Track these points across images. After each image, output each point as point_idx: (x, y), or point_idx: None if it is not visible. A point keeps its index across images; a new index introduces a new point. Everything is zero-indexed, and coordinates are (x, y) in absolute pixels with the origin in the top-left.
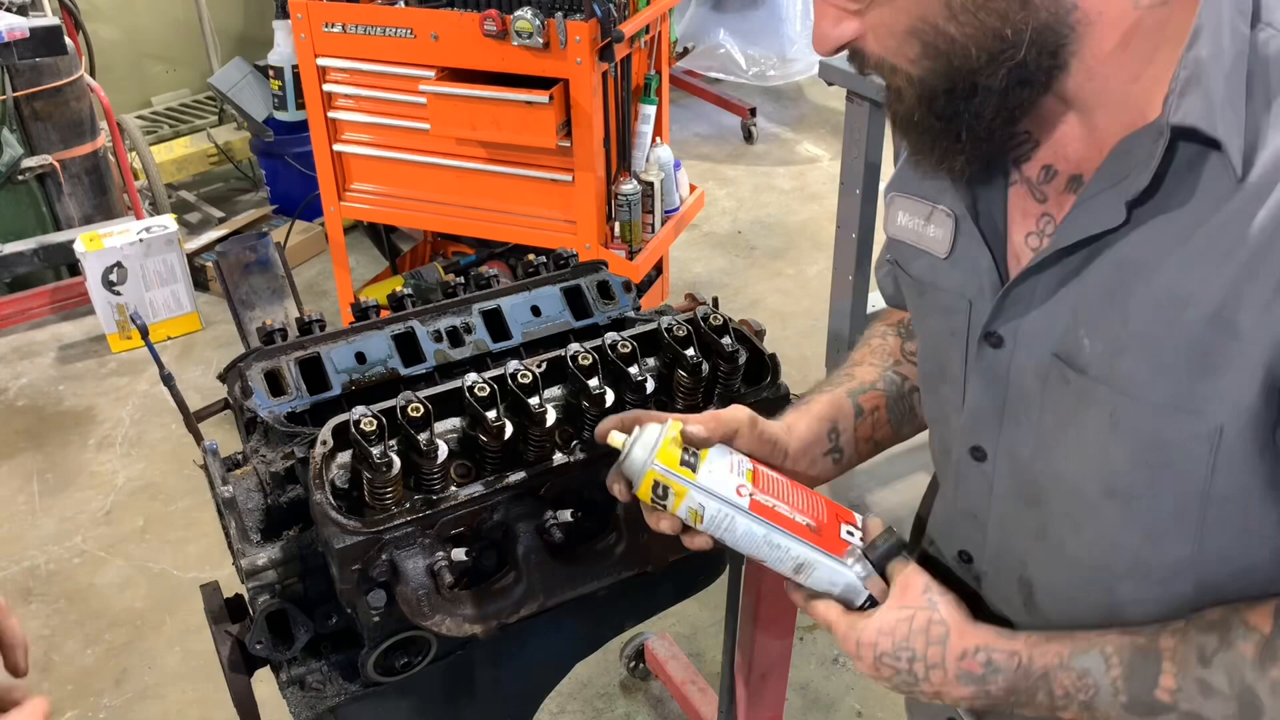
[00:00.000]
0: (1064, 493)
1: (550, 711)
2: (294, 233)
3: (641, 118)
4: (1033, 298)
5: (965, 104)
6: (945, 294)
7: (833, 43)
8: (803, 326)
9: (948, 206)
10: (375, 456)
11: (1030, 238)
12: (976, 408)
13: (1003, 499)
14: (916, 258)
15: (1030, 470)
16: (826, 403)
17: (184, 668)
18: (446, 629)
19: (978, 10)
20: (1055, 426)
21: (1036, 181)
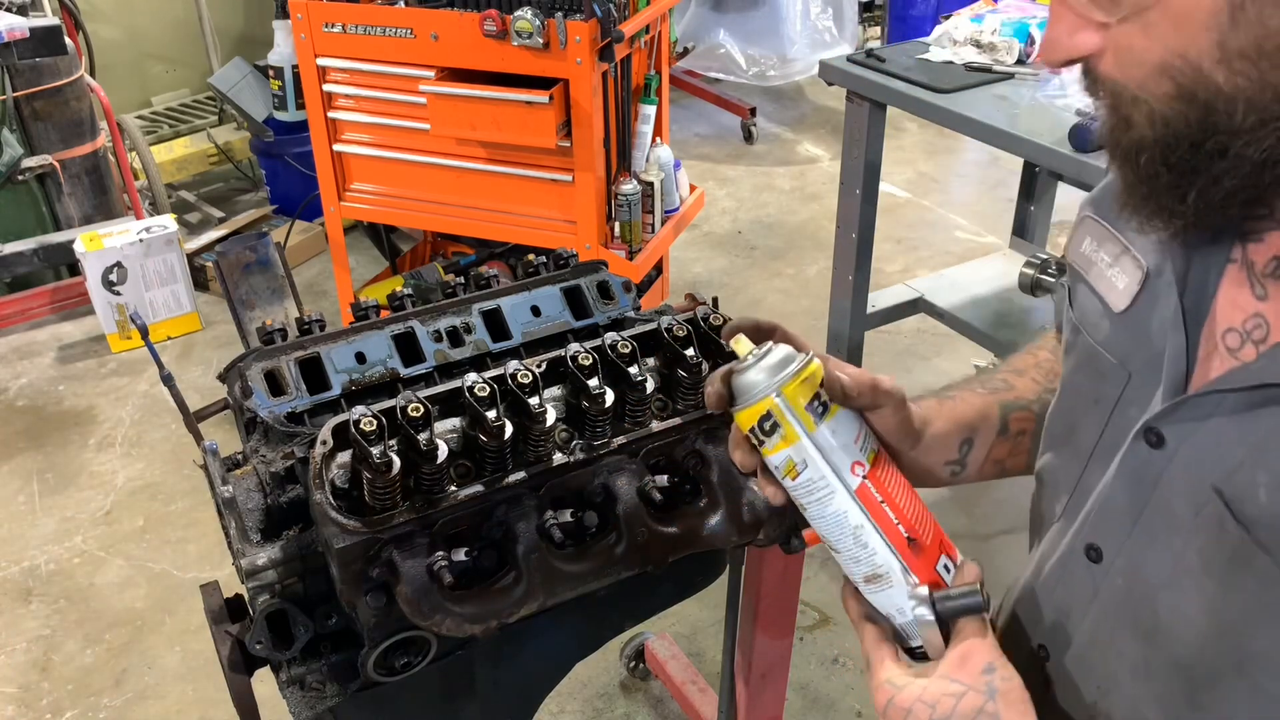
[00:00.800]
0: (1187, 644)
1: (550, 711)
2: (294, 233)
3: (641, 118)
4: (1216, 410)
5: (1209, 163)
6: (1103, 354)
7: (1065, 54)
8: (803, 326)
9: (1142, 256)
10: (375, 456)
11: (1231, 334)
12: (1108, 502)
13: (1107, 614)
14: (1086, 296)
15: (1153, 600)
16: (975, 408)
17: (184, 668)
18: (446, 629)
19: (1260, 58)
20: (1199, 570)
21: (1261, 271)
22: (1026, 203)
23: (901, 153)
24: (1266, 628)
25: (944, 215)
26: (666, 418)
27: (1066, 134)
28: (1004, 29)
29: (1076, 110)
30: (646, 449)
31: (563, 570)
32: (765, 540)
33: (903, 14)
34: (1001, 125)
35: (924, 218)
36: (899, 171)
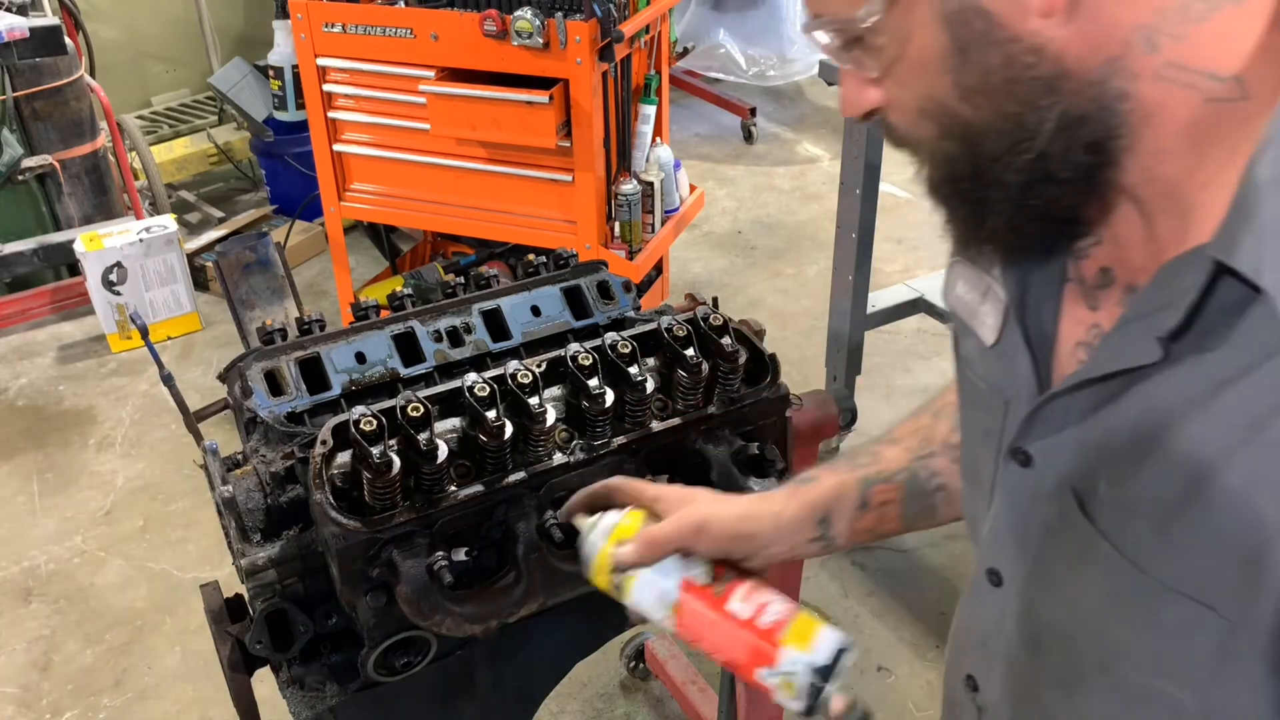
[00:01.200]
0: (1060, 651)
1: (550, 711)
2: (294, 233)
3: (641, 118)
4: (1066, 419)
5: (990, 192)
6: (985, 387)
7: (857, 109)
8: (803, 326)
9: (1003, 290)
10: (375, 456)
11: (1080, 348)
12: (998, 526)
13: (1011, 636)
14: (967, 336)
15: (1036, 615)
16: (830, 489)
17: (184, 668)
18: (446, 629)
19: (994, 95)
20: (1060, 572)
21: (1091, 284)
22: None
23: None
24: (1117, 617)
25: None
26: (666, 418)
27: None
28: None
29: None
30: (646, 449)
31: (563, 570)
32: None
33: None
34: None
35: (924, 218)
36: (899, 171)
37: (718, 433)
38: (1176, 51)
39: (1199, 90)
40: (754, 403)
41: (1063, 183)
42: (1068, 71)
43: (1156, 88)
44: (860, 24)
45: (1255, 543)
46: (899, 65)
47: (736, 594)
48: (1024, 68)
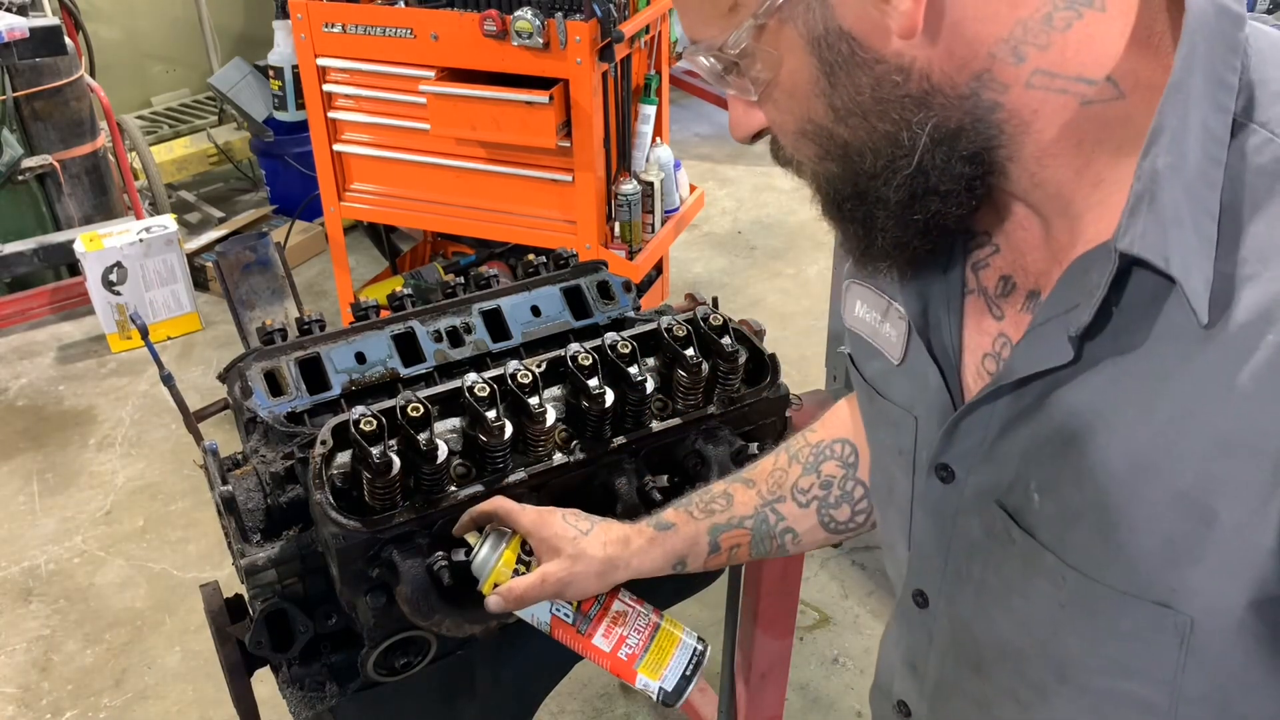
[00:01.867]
0: (1009, 668)
1: (550, 711)
2: (294, 233)
3: (641, 118)
4: (986, 430)
5: (874, 209)
6: (894, 406)
7: (745, 131)
8: (803, 326)
9: (904, 307)
10: (375, 456)
11: (987, 359)
12: (921, 546)
13: (943, 656)
14: (871, 358)
15: (971, 632)
16: (685, 538)
17: (184, 668)
18: (446, 629)
19: (866, 114)
20: (1001, 589)
21: (994, 294)
22: None
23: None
24: (1071, 625)
25: None
26: (666, 418)
27: None
28: None
29: None
30: (646, 449)
31: None
32: None
33: None
34: None
35: None
36: None
37: (718, 433)
38: (1044, 60)
39: (1073, 94)
40: (754, 403)
41: (945, 195)
42: (936, 88)
43: (1029, 96)
44: (730, 50)
45: (1208, 540)
46: (774, 89)
47: (599, 631)
48: (892, 86)
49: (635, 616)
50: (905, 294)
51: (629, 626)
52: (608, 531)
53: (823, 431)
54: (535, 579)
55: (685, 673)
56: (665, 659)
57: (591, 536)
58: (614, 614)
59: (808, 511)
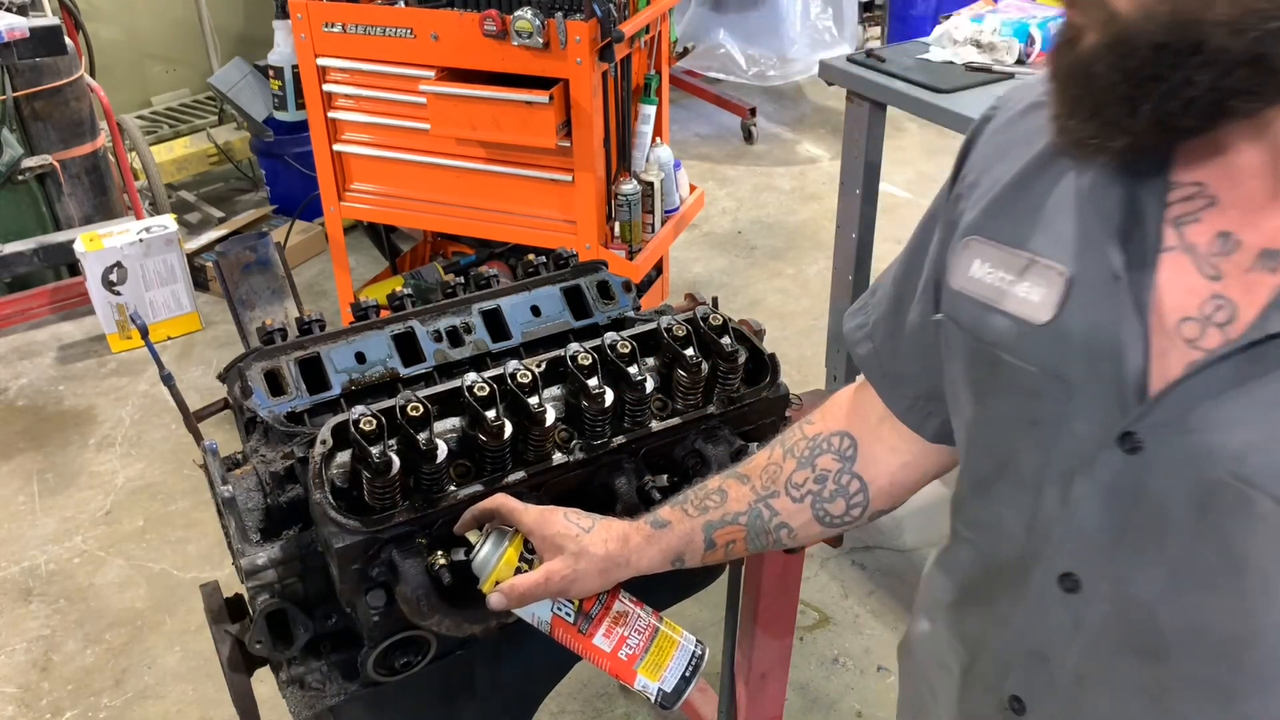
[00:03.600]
0: (1207, 655)
1: (550, 711)
2: (294, 233)
3: (641, 118)
4: (1199, 400)
5: (1172, 67)
6: (1029, 370)
7: None
8: (803, 326)
9: (1059, 263)
10: (375, 456)
11: (1187, 324)
12: (1081, 526)
13: (1093, 644)
14: (990, 320)
15: (1153, 617)
16: (681, 535)
17: (184, 668)
18: (446, 629)
19: None
20: (1219, 568)
21: (1206, 252)
22: None
23: (901, 153)
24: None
25: None
26: (666, 417)
27: None
28: (1004, 29)
29: None
30: (646, 449)
31: None
32: None
33: (903, 14)
34: None
35: None
36: (899, 171)
37: (718, 432)
38: None
39: None
40: (754, 402)
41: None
42: None
43: None
44: None
45: None
46: None
47: (600, 631)
48: None
49: (635, 618)
50: (1103, 245)
51: (629, 627)
52: (608, 529)
53: (820, 424)
54: (539, 576)
55: (684, 674)
56: (665, 660)
57: (594, 534)
58: (615, 614)
59: (802, 506)
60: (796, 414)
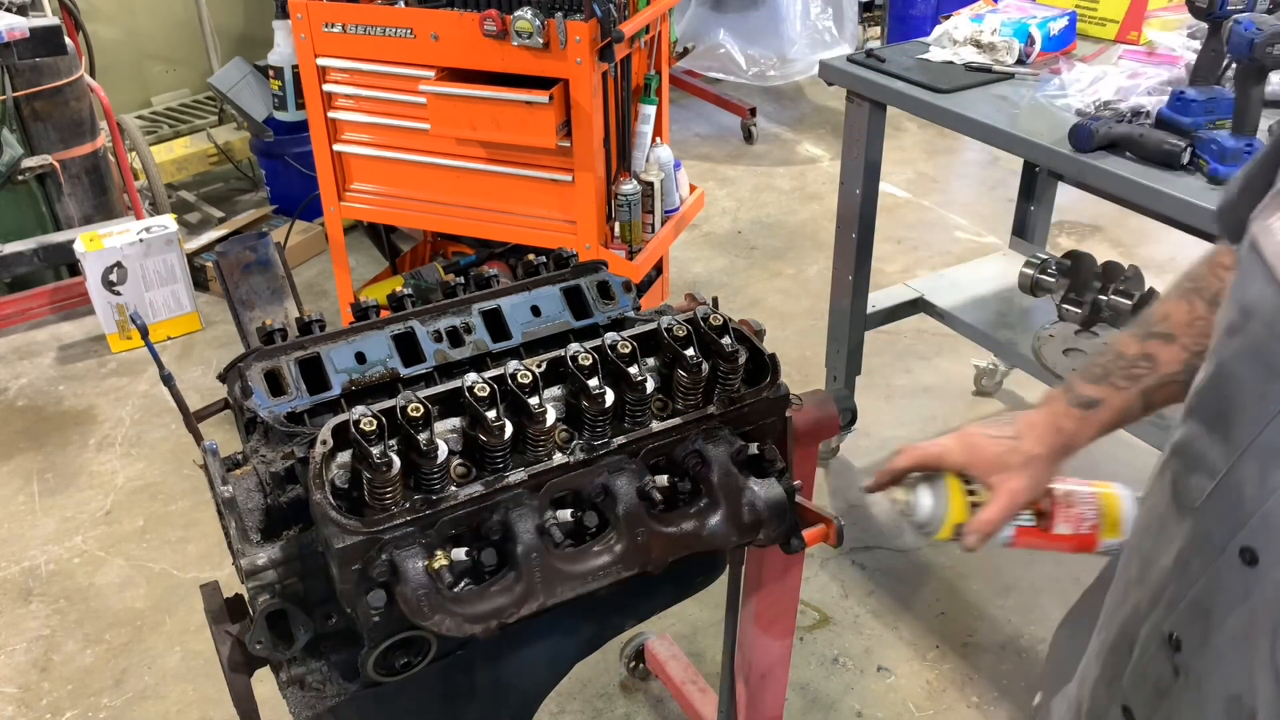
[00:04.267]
0: None
1: (550, 711)
2: (294, 233)
3: (641, 118)
4: None
5: None
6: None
7: None
8: (803, 326)
9: None
10: (375, 456)
11: None
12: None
13: (1256, 618)
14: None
15: None
16: (1115, 411)
17: (184, 668)
18: (446, 629)
19: None
20: None
21: None
22: (1026, 203)
23: (901, 153)
24: None
25: (944, 215)
26: (666, 418)
27: (1066, 134)
28: (1004, 29)
29: (1076, 110)
30: (646, 449)
31: (563, 570)
32: (765, 540)
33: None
34: (1001, 125)
35: (924, 218)
36: (899, 171)
37: (718, 433)
38: None
39: None
40: (754, 403)
41: None
42: None
43: None
44: None
45: None
46: None
47: (1059, 520)
48: None
49: (1078, 494)
50: None
51: (1079, 504)
52: (1036, 426)
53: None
54: (1004, 501)
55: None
56: (1116, 515)
57: (1025, 440)
58: (1062, 498)
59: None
60: (797, 414)
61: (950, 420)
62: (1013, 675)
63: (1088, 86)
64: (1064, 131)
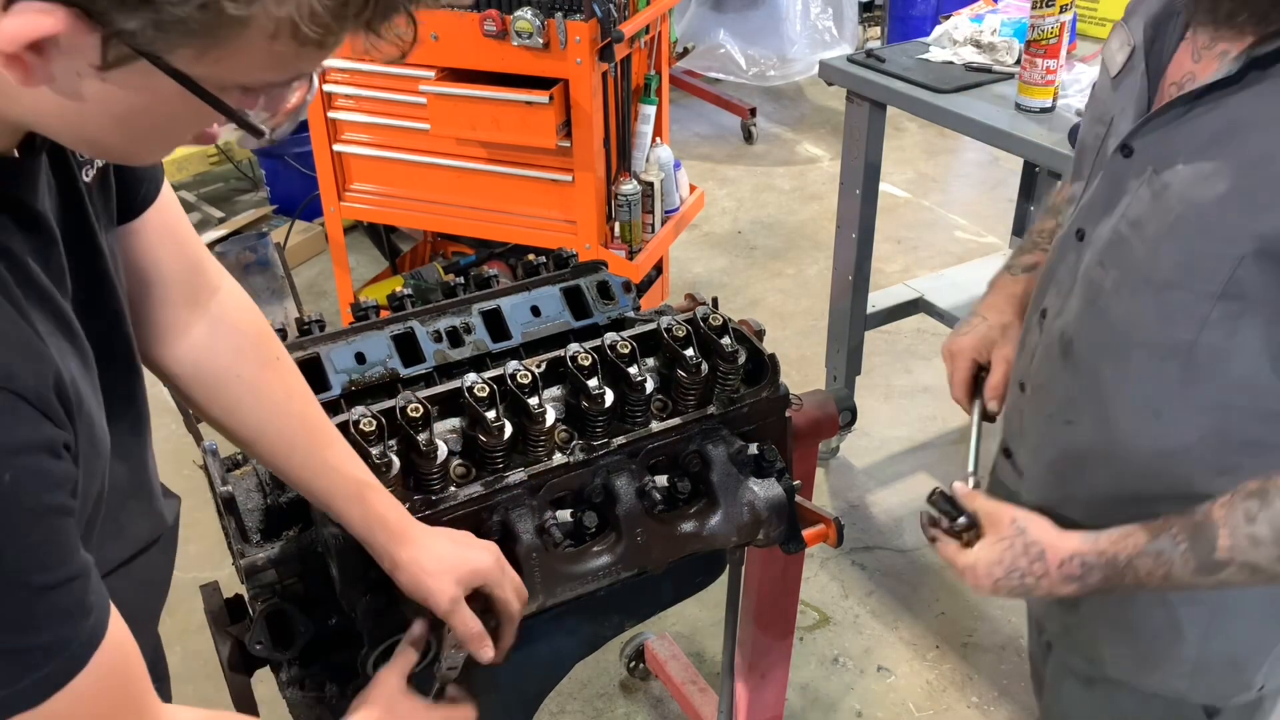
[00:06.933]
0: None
1: (550, 711)
2: (294, 233)
3: (641, 118)
4: (1163, 123)
5: None
6: (1102, 104)
7: None
8: (803, 326)
9: (1131, 35)
10: (374, 457)
11: (1172, 86)
12: (1094, 199)
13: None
14: (1103, 76)
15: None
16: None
17: (184, 668)
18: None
19: None
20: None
21: (1200, 46)
22: (1026, 203)
23: (901, 153)
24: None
25: (944, 215)
26: (666, 418)
27: (1066, 134)
28: (1004, 29)
29: (1076, 110)
30: (646, 449)
31: (563, 570)
32: (765, 541)
33: (903, 14)
34: (1001, 125)
35: (924, 218)
36: (899, 171)
37: (718, 433)
38: None
39: None
40: (754, 403)
41: None
42: None
43: None
44: None
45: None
46: None
47: None
48: None
49: None
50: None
51: None
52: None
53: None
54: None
55: None
56: None
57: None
58: None
59: None
60: (797, 414)
61: (950, 420)
62: (1013, 675)
63: (1087, 86)
64: (1064, 132)
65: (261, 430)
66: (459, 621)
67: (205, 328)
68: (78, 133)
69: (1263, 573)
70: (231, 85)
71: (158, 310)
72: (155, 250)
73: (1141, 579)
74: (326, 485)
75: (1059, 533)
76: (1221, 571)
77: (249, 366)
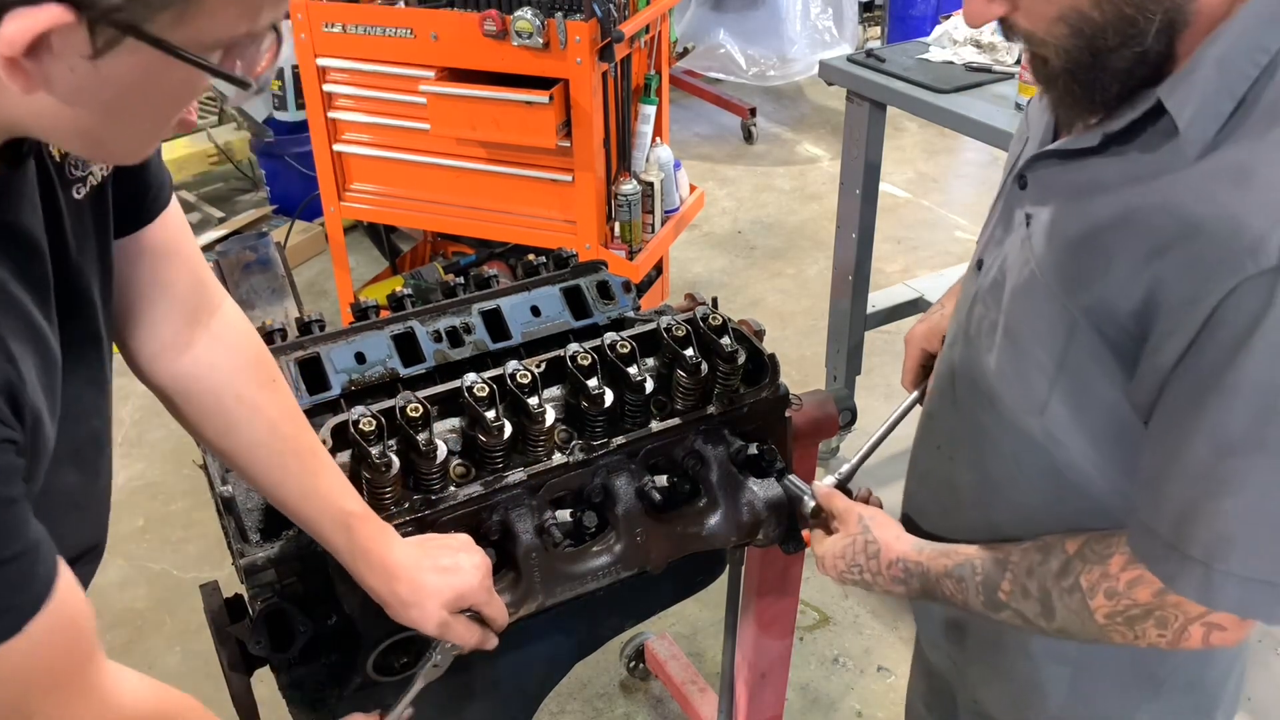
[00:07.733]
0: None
1: (550, 711)
2: (294, 233)
3: (641, 118)
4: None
5: (1099, 75)
6: (1025, 121)
7: (982, 19)
8: (803, 326)
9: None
10: (374, 457)
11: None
12: (995, 229)
13: (972, 304)
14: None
15: (989, 289)
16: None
17: (184, 668)
18: None
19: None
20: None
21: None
22: None
23: (901, 153)
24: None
25: (944, 215)
26: (666, 418)
27: None
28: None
29: None
30: (646, 449)
31: (563, 570)
32: (765, 540)
33: (903, 14)
34: (1001, 125)
35: (924, 218)
36: (899, 171)
37: (717, 433)
38: None
39: None
40: (754, 403)
41: (1146, 66)
42: None
43: None
44: None
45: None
46: None
47: None
48: None
49: None
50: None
51: None
52: (954, 295)
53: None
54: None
55: None
56: None
57: (949, 306)
58: None
59: None
60: (797, 414)
61: None
62: None
63: None
64: None
65: (254, 451)
66: (454, 637)
67: (206, 345)
68: (71, 129)
69: (1031, 625)
70: (212, 44)
71: (160, 325)
72: (161, 266)
73: (949, 597)
74: (314, 512)
75: (896, 535)
76: (1002, 612)
77: (247, 386)
